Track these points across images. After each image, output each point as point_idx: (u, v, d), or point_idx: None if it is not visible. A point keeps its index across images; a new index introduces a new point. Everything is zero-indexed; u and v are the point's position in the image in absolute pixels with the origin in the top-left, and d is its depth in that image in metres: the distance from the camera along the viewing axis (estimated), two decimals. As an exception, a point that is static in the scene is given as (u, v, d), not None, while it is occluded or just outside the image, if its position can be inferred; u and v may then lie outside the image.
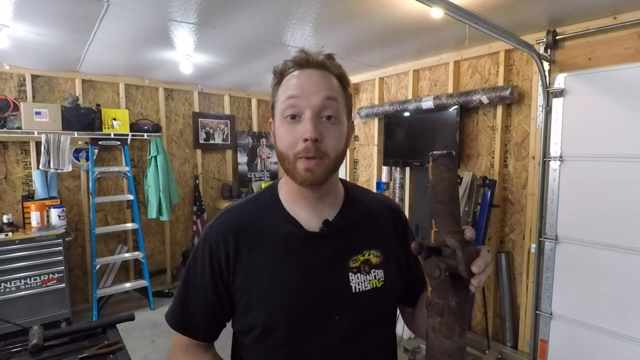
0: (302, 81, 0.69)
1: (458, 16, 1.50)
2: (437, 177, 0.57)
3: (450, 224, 0.56)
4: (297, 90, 0.68)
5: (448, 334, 0.56)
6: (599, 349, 2.08)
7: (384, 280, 0.74)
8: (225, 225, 0.75)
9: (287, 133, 0.68)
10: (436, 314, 0.57)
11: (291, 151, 0.68)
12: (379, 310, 0.75)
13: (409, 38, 2.42)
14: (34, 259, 2.76)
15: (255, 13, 1.98)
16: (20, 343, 1.14)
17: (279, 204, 0.76)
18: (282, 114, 0.69)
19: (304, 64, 0.70)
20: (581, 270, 2.15)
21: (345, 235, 0.75)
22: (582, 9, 1.93)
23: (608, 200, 2.03)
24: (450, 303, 0.56)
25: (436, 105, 2.73)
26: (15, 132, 2.92)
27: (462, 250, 0.54)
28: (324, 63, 0.71)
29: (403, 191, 3.17)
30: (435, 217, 0.58)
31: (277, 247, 0.72)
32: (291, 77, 0.70)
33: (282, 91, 0.71)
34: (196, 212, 3.98)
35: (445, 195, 0.56)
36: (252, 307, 0.71)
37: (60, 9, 1.92)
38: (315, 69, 0.70)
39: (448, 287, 0.56)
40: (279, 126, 0.70)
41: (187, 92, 3.95)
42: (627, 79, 1.95)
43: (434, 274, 0.55)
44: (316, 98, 0.67)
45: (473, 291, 0.56)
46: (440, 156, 0.57)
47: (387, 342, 0.79)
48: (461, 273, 0.54)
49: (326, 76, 0.70)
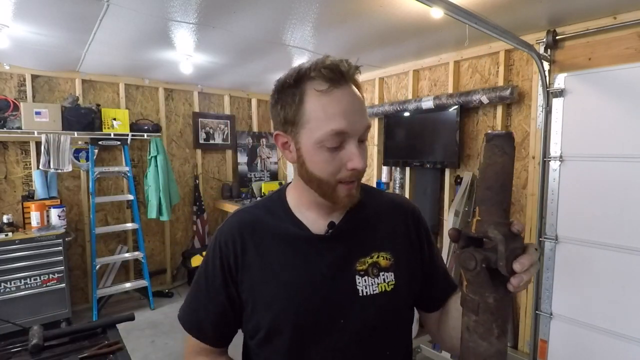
0: (346, 108, 0.63)
1: (458, 16, 1.50)
2: (488, 160, 0.50)
3: (496, 214, 0.50)
4: (344, 124, 0.62)
5: (484, 335, 0.50)
6: (599, 349, 2.08)
7: (394, 284, 0.72)
8: (234, 227, 0.75)
9: (330, 162, 0.65)
10: (471, 312, 0.52)
11: (332, 178, 0.66)
12: (388, 315, 0.72)
13: (409, 38, 2.42)
14: (34, 259, 2.76)
15: (255, 13, 1.98)
16: (20, 343, 1.14)
17: (287, 208, 0.75)
18: (320, 142, 0.64)
19: (337, 80, 0.63)
20: (581, 270, 2.15)
21: (352, 237, 0.73)
22: (582, 9, 1.93)
23: (608, 200, 2.03)
24: (488, 300, 0.50)
25: (436, 105, 2.73)
26: (15, 132, 2.92)
27: (505, 245, 0.48)
28: (354, 78, 0.66)
29: (403, 191, 3.17)
30: (480, 204, 0.51)
31: (284, 249, 0.72)
32: (327, 97, 0.63)
33: (317, 114, 0.63)
34: (196, 212, 3.98)
35: (496, 181, 0.50)
36: (258, 309, 0.71)
37: (60, 9, 1.92)
38: (348, 86, 0.65)
39: (485, 282, 0.50)
40: (314, 152, 0.65)
41: (187, 92, 3.95)
42: (627, 79, 1.95)
43: (469, 265, 0.50)
44: (360, 127, 0.65)
45: (512, 291, 0.50)
46: (496, 136, 0.50)
47: (399, 348, 0.76)
48: (500, 269, 0.48)
49: (359, 95, 0.67)
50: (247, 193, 4.15)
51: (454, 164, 2.71)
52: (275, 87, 0.69)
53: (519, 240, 0.50)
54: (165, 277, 3.95)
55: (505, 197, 0.50)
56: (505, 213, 0.50)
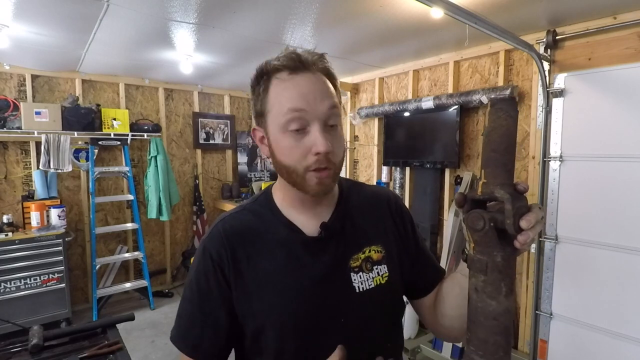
0: (303, 89, 0.64)
1: (458, 16, 1.50)
2: (493, 124, 0.51)
3: (501, 175, 0.51)
4: (301, 102, 0.63)
5: (493, 294, 0.51)
6: (599, 348, 2.08)
7: (388, 276, 0.72)
8: (221, 235, 0.71)
9: (294, 147, 0.64)
10: (479, 272, 0.52)
11: (300, 165, 0.65)
12: (386, 307, 0.73)
13: (409, 38, 2.42)
14: (34, 259, 2.77)
15: (255, 13, 1.98)
16: (20, 343, 1.14)
17: (276, 209, 0.73)
18: (283, 126, 0.64)
19: (298, 67, 0.64)
20: (581, 271, 2.15)
21: (343, 235, 0.73)
22: (582, 9, 1.93)
23: (608, 200, 2.03)
24: (496, 259, 0.51)
25: (436, 105, 2.73)
26: (15, 132, 2.92)
27: (512, 204, 0.49)
28: (316, 65, 0.66)
29: (403, 191, 3.17)
30: (486, 167, 0.52)
31: (276, 254, 0.70)
32: (286, 83, 0.64)
33: (277, 99, 0.65)
34: (196, 212, 3.99)
35: (501, 143, 0.51)
36: (255, 317, 0.68)
37: (60, 9, 1.92)
38: (311, 73, 0.65)
39: (493, 241, 0.51)
40: (280, 138, 0.65)
41: (187, 92, 3.95)
42: (627, 79, 1.95)
43: (477, 225, 0.51)
44: (322, 107, 0.64)
45: (519, 248, 0.51)
46: (501, 100, 0.51)
47: (396, 339, 0.77)
48: (507, 228, 0.49)
49: (323, 80, 0.66)
50: (247, 193, 4.15)
51: (454, 164, 2.71)
52: (250, 84, 0.70)
53: (523, 199, 0.51)
54: (165, 277, 3.95)
55: (509, 159, 0.51)
56: (510, 174, 0.51)
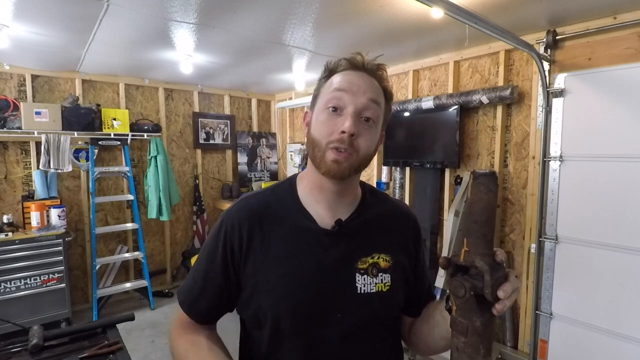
0: (352, 78, 0.70)
1: (458, 16, 1.50)
2: (475, 197, 0.57)
3: (481, 246, 0.56)
4: (345, 85, 0.70)
5: (472, 355, 0.56)
6: (598, 348, 2.08)
7: (390, 285, 0.75)
8: (242, 211, 0.77)
9: (326, 122, 0.69)
10: (460, 334, 0.57)
11: (325, 139, 0.69)
12: (382, 314, 0.75)
13: (409, 38, 2.42)
14: (34, 259, 2.76)
15: (255, 13, 1.98)
16: (20, 343, 1.14)
17: (296, 197, 0.77)
18: (325, 104, 0.70)
19: (358, 66, 0.72)
20: (581, 270, 2.15)
21: (356, 236, 0.75)
22: (582, 9, 1.93)
23: (608, 200, 2.03)
24: (475, 323, 0.56)
25: (436, 105, 2.73)
26: (15, 132, 2.92)
27: (491, 274, 0.54)
28: (376, 71, 0.73)
29: (403, 191, 3.17)
30: (468, 236, 0.57)
31: (290, 239, 0.74)
32: (343, 74, 0.72)
33: (329, 84, 0.72)
34: (196, 212, 3.99)
35: (481, 215, 0.56)
36: (259, 294, 0.72)
37: (60, 9, 1.92)
38: (367, 74, 0.72)
39: (473, 307, 0.56)
40: (319, 114, 0.72)
41: (187, 92, 3.95)
42: (627, 79, 1.95)
43: (459, 292, 0.56)
44: (362, 97, 0.69)
45: (496, 315, 0.56)
46: (482, 175, 0.56)
47: (389, 344, 0.80)
48: (486, 296, 0.54)
49: (375, 83, 0.72)
50: (246, 193, 4.15)
51: (454, 164, 2.71)
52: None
53: (501, 269, 0.56)
54: (165, 277, 3.95)
55: (489, 230, 0.57)
56: (490, 244, 0.56)
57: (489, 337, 0.56)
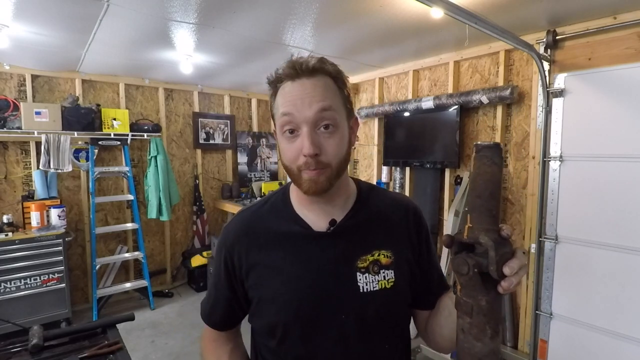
0: (294, 95, 0.67)
1: (458, 16, 1.50)
2: (478, 170, 0.53)
3: (486, 221, 0.53)
4: (289, 107, 0.67)
5: (478, 336, 0.53)
6: (598, 349, 2.08)
7: (394, 281, 0.74)
8: (238, 226, 0.80)
9: (289, 148, 0.69)
10: (465, 314, 0.54)
11: (294, 165, 0.69)
12: (388, 311, 0.74)
13: (409, 38, 2.42)
14: (34, 259, 2.76)
15: (255, 13, 1.98)
16: (20, 343, 1.14)
17: (289, 205, 0.78)
18: (280, 128, 0.70)
19: (294, 75, 0.68)
20: (581, 270, 2.15)
21: (353, 235, 0.75)
22: (582, 9, 1.93)
23: (608, 200, 2.03)
24: (480, 302, 0.53)
25: (436, 105, 2.73)
26: (15, 132, 2.92)
27: (496, 250, 0.50)
28: (314, 68, 0.68)
29: (403, 191, 3.17)
30: (471, 212, 0.54)
31: (286, 247, 0.75)
32: (284, 89, 0.69)
33: (277, 106, 0.71)
34: (196, 212, 3.98)
35: (485, 189, 0.53)
36: (264, 304, 0.75)
37: (60, 9, 1.92)
38: (307, 78, 0.68)
39: (477, 286, 0.53)
40: (280, 140, 0.71)
41: (187, 92, 3.95)
42: (627, 79, 1.95)
43: (462, 270, 0.53)
44: (309, 111, 0.66)
45: (502, 293, 0.53)
46: (485, 147, 0.53)
47: (397, 344, 0.78)
48: (491, 273, 0.51)
49: (319, 83, 0.68)
50: (247, 193, 4.15)
51: (454, 164, 2.71)
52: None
53: (508, 245, 0.53)
54: (165, 277, 3.95)
55: (494, 204, 0.53)
56: (495, 219, 0.53)
57: (495, 317, 0.53)
